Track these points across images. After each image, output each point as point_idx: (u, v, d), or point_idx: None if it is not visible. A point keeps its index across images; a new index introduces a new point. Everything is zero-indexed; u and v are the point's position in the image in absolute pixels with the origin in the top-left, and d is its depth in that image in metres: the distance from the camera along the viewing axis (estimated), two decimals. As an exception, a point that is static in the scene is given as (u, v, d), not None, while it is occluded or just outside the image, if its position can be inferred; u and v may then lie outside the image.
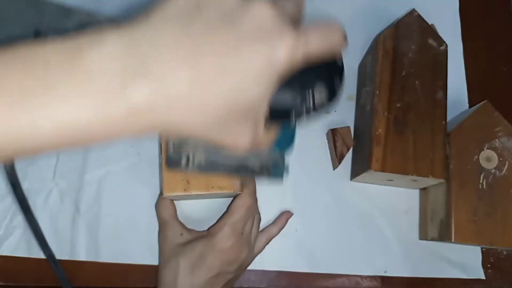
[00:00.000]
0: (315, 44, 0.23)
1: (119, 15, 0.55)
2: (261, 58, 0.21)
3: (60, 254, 0.49)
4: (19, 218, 0.49)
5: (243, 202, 0.45)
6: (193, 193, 0.44)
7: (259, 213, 0.49)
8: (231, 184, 0.44)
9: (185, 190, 0.44)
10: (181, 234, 0.46)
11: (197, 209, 0.51)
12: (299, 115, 0.27)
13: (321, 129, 0.55)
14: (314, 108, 0.27)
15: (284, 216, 0.51)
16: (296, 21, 0.25)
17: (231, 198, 0.47)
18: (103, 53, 0.19)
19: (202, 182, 0.44)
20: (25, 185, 0.50)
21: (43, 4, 0.28)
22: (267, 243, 0.49)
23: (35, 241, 0.48)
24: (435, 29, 0.51)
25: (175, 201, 0.49)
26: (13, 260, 0.48)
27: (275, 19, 0.22)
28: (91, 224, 0.50)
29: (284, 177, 0.40)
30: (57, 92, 0.19)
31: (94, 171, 0.51)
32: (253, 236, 0.47)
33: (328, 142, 0.54)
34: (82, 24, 0.28)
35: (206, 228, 0.47)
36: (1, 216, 0.49)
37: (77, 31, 0.21)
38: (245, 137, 0.24)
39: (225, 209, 0.47)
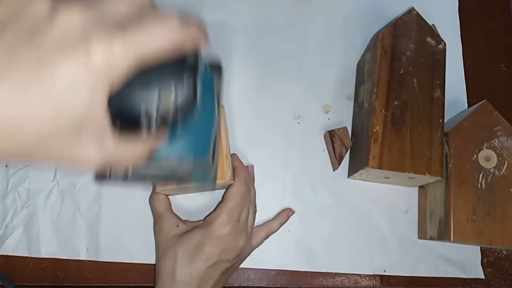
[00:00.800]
0: (142, 44, 0.22)
1: None
2: (68, 69, 0.20)
3: (61, 253, 0.49)
4: (19, 218, 0.50)
5: (236, 189, 0.45)
6: (185, 185, 0.44)
7: (255, 204, 0.49)
8: (222, 174, 0.45)
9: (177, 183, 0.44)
10: (177, 226, 0.46)
11: (192, 202, 0.51)
12: (149, 120, 0.25)
13: (319, 131, 0.55)
14: (166, 114, 0.25)
15: (285, 212, 0.51)
16: (142, 13, 0.23)
17: (224, 190, 0.48)
18: None
19: None
20: (25, 185, 0.50)
21: None
22: (266, 238, 0.50)
23: (35, 240, 0.49)
24: (436, 30, 0.51)
25: (169, 196, 0.49)
26: (13, 260, 0.49)
27: (82, 26, 0.20)
28: (91, 223, 0.50)
29: (214, 182, 0.40)
30: None
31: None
32: (249, 225, 0.47)
33: (326, 144, 0.54)
34: None
35: (201, 219, 0.47)
36: (1, 216, 0.50)
37: None
38: (89, 151, 0.23)
39: (219, 200, 0.47)
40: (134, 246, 0.50)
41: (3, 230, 0.49)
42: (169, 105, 0.25)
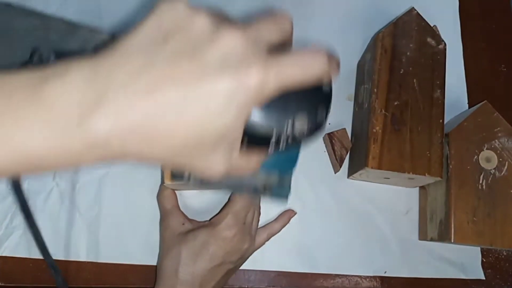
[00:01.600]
0: (291, 73, 0.23)
1: (121, 29, 0.55)
2: (226, 87, 0.21)
3: (60, 254, 0.49)
4: (19, 219, 0.49)
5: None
6: (188, 181, 0.44)
7: (259, 207, 0.49)
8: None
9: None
10: (183, 224, 0.46)
11: (199, 200, 0.51)
12: (278, 143, 0.26)
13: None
14: (294, 138, 0.26)
15: (287, 214, 0.51)
16: (283, 44, 0.25)
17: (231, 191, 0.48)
18: (64, 85, 0.20)
19: None
20: (25, 185, 0.50)
21: (51, 20, 0.28)
22: (268, 239, 0.50)
23: (35, 244, 0.49)
24: (437, 30, 0.51)
25: (177, 192, 0.49)
26: (13, 261, 0.48)
27: (244, 47, 0.21)
28: (91, 224, 0.50)
29: (287, 198, 0.41)
30: (16, 119, 0.19)
31: (94, 172, 0.51)
32: (253, 228, 0.47)
33: (326, 147, 0.54)
34: (85, 40, 0.29)
35: (207, 219, 0.47)
36: (1, 217, 0.49)
37: (78, 51, 0.21)
38: (218, 164, 0.24)
39: (226, 201, 0.47)
40: (134, 247, 0.50)
41: (2, 231, 0.49)
42: (301, 127, 0.26)
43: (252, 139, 0.25)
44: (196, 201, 0.51)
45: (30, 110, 0.19)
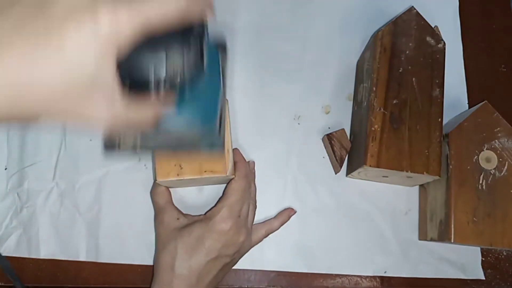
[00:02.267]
0: (148, 11, 0.23)
1: None
2: (77, 34, 0.21)
3: (60, 254, 0.49)
4: (19, 219, 0.49)
5: (237, 185, 0.45)
6: (186, 177, 0.44)
7: (255, 201, 0.49)
8: (223, 168, 0.45)
9: (178, 175, 0.44)
10: (178, 219, 0.46)
11: (193, 195, 0.51)
12: (157, 81, 0.26)
13: (319, 131, 0.55)
14: (172, 78, 0.26)
15: (287, 212, 0.51)
16: None
17: (225, 185, 0.48)
18: None
19: (195, 167, 0.45)
20: (25, 185, 0.50)
21: None
22: (266, 236, 0.50)
23: (35, 241, 0.49)
24: (439, 31, 0.51)
25: (170, 188, 0.49)
26: (13, 261, 0.48)
27: None
28: (91, 224, 0.50)
29: (220, 149, 0.41)
30: None
31: (94, 171, 0.51)
32: (249, 221, 0.47)
33: (326, 147, 0.54)
34: None
35: (202, 214, 0.47)
36: (1, 217, 0.49)
37: None
38: (100, 110, 0.25)
39: (220, 195, 0.47)
40: (133, 247, 0.50)
41: (2, 231, 0.49)
42: (177, 68, 0.26)
43: (134, 84, 0.26)
44: (191, 197, 0.51)
45: None
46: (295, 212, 0.51)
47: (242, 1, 0.59)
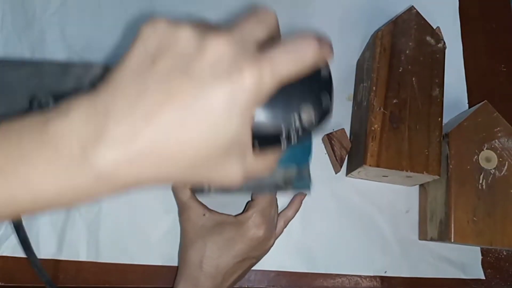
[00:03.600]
0: (285, 65, 0.22)
1: (113, 59, 0.55)
2: (222, 96, 0.21)
3: (60, 254, 0.49)
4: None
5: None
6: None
7: (276, 200, 0.49)
8: None
9: None
10: (204, 215, 0.46)
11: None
12: (288, 138, 0.26)
13: (317, 134, 0.54)
14: (303, 129, 0.26)
15: (298, 198, 0.51)
16: (271, 39, 0.25)
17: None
18: (66, 123, 0.21)
19: None
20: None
21: (42, 65, 0.29)
22: (285, 227, 0.50)
23: (34, 241, 0.49)
24: (440, 32, 0.51)
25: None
26: (13, 261, 0.48)
27: (232, 51, 0.21)
28: (91, 224, 0.50)
29: (309, 188, 0.41)
30: (27, 162, 0.20)
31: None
32: (275, 222, 0.48)
33: (326, 147, 0.54)
34: (80, 77, 0.29)
35: (228, 211, 0.47)
36: (1, 217, 0.49)
37: (75, 89, 0.21)
38: (234, 171, 0.24)
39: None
40: (134, 247, 0.50)
41: (2, 231, 0.49)
42: (311, 117, 0.26)
43: (263, 139, 0.25)
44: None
45: (38, 152, 0.20)
46: (305, 195, 0.51)
47: (242, 1, 0.59)
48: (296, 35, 0.24)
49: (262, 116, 0.24)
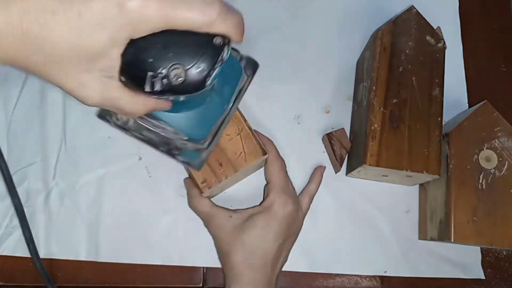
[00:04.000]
0: (176, 9, 0.23)
1: None
2: (101, 7, 0.22)
3: (60, 254, 0.49)
4: (19, 218, 0.49)
5: (277, 166, 0.47)
6: (225, 179, 0.44)
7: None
8: (258, 153, 0.45)
9: (217, 179, 0.44)
10: (230, 216, 0.46)
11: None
12: (152, 84, 0.26)
13: (320, 131, 0.55)
14: (170, 83, 0.26)
15: (318, 171, 0.52)
16: None
17: (261, 170, 0.49)
18: None
19: (229, 167, 0.45)
20: (25, 186, 0.50)
21: None
22: (311, 201, 0.50)
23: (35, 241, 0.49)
24: (441, 32, 0.51)
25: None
26: (13, 261, 0.48)
27: None
28: (91, 224, 0.50)
29: (197, 168, 0.40)
30: None
31: (94, 172, 0.51)
32: (295, 191, 0.49)
33: (325, 147, 0.54)
34: None
35: (248, 205, 0.48)
36: (1, 217, 0.49)
37: None
38: (92, 86, 0.25)
39: (257, 183, 0.50)
40: (134, 246, 0.50)
41: (2, 230, 0.49)
42: (180, 74, 0.26)
43: (128, 75, 0.26)
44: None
45: None
46: (325, 167, 0.52)
47: (242, 1, 0.59)
48: None
49: (134, 51, 0.24)
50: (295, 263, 0.50)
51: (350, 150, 0.52)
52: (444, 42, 0.50)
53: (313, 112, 0.56)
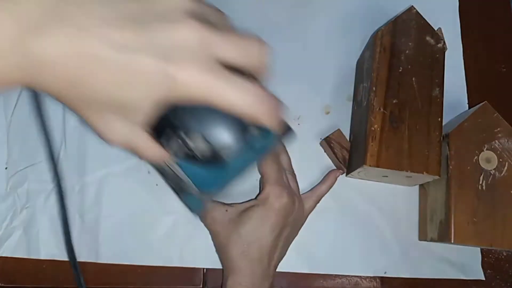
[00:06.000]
0: (220, 93, 0.23)
1: None
2: (150, 69, 0.22)
3: (60, 255, 0.49)
4: (19, 219, 0.49)
5: (270, 159, 0.46)
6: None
7: (292, 169, 0.50)
8: None
9: None
10: (226, 210, 0.46)
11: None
12: (170, 146, 0.26)
13: (320, 132, 0.54)
14: (189, 149, 0.26)
15: (333, 174, 0.52)
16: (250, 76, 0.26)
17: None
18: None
19: None
20: (25, 186, 0.50)
21: None
22: (318, 202, 0.50)
23: (35, 242, 0.49)
24: (442, 33, 0.51)
25: None
26: (13, 261, 0.48)
27: (195, 41, 0.22)
28: (91, 225, 0.50)
29: (196, 213, 0.42)
30: None
31: (95, 172, 0.51)
32: (294, 188, 0.48)
33: (325, 151, 0.54)
34: None
35: (244, 199, 0.48)
36: (1, 217, 0.49)
37: None
38: (119, 132, 0.25)
39: (252, 178, 0.50)
40: (134, 247, 0.50)
41: (2, 231, 0.49)
42: (194, 147, 0.26)
43: (158, 129, 0.26)
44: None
45: None
46: (341, 172, 0.52)
47: (242, 1, 0.59)
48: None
49: (173, 110, 0.25)
50: (294, 264, 0.51)
51: (350, 151, 0.52)
52: (445, 42, 0.50)
53: (313, 112, 0.56)
